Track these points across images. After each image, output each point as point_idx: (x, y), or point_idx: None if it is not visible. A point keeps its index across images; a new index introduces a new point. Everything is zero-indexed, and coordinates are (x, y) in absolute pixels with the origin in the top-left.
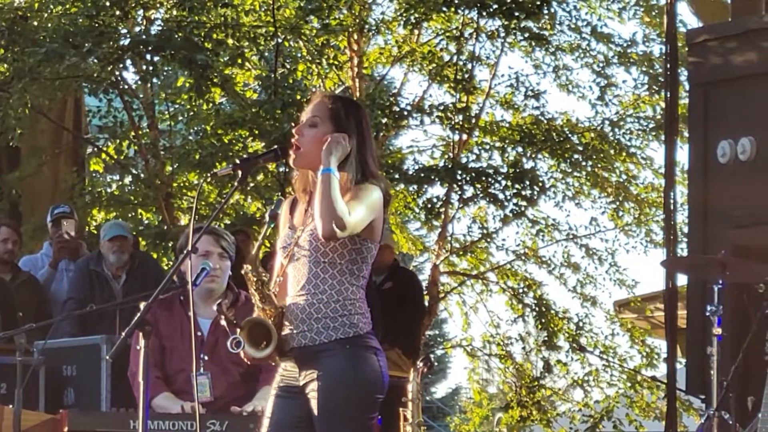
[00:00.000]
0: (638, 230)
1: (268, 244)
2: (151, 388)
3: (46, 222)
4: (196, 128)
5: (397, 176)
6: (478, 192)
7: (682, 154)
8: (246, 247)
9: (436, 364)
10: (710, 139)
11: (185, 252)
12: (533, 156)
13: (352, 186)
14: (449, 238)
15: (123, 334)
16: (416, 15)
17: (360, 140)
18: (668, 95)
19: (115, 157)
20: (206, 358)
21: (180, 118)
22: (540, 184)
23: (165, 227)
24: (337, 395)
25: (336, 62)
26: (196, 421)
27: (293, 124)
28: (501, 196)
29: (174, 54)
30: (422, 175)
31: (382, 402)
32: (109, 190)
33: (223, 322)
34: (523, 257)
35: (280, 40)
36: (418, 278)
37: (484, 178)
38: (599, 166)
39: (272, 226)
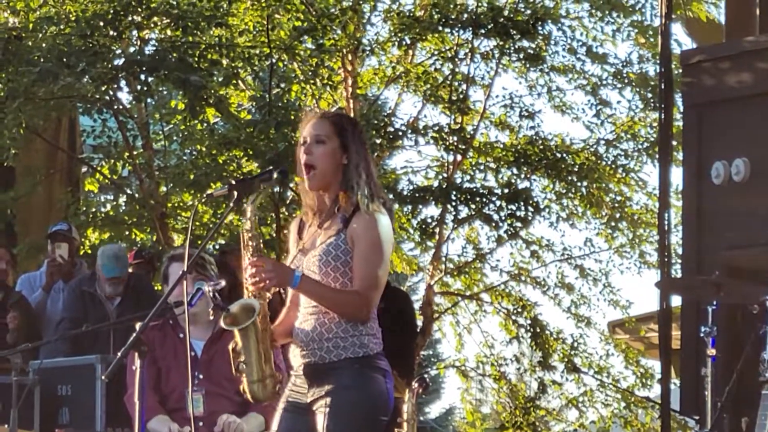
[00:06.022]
0: (632, 251)
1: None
2: (147, 411)
3: (40, 242)
4: (190, 148)
5: (391, 196)
6: (473, 212)
7: (676, 175)
8: (237, 263)
9: (430, 384)
10: (704, 160)
11: (181, 273)
12: (528, 176)
13: (363, 210)
14: (443, 259)
15: (119, 354)
16: (410, 36)
17: (365, 154)
18: (662, 116)
19: (110, 176)
20: (201, 376)
21: (174, 138)
22: (534, 205)
23: (160, 247)
24: (342, 414)
25: (330, 82)
26: None
27: (287, 144)
28: (495, 216)
29: (168, 74)
30: (417, 195)
31: None
32: (103, 210)
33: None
34: (517, 278)
35: (274, 61)
36: (411, 298)
37: (478, 199)
38: (594, 186)
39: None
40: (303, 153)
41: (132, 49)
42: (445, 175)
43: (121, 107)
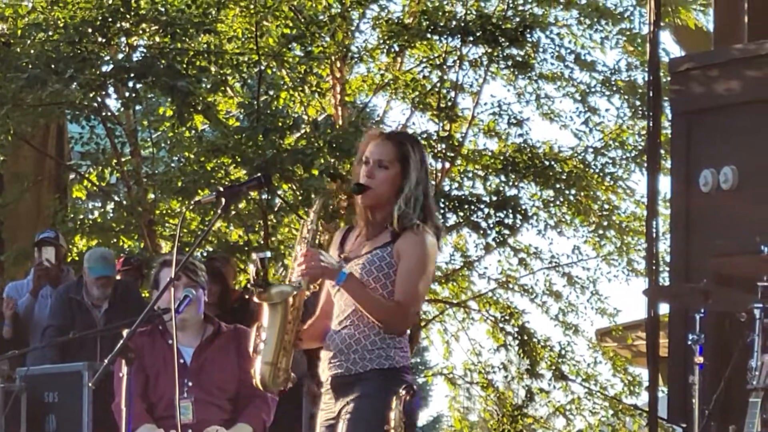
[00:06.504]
0: (620, 259)
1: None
2: (134, 419)
3: (28, 248)
4: (178, 155)
5: None
6: (461, 220)
7: (665, 183)
8: (225, 270)
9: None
10: (692, 168)
11: (168, 280)
12: (516, 184)
13: (413, 231)
14: None
15: (106, 361)
16: (399, 43)
17: (424, 177)
18: (650, 124)
19: (98, 183)
20: (190, 383)
21: (162, 145)
22: (522, 213)
23: (147, 255)
24: (361, 422)
25: (319, 89)
26: None
27: (276, 151)
28: (483, 224)
29: (156, 81)
30: None
31: None
32: (91, 217)
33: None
34: (504, 286)
35: (262, 68)
36: None
37: (466, 206)
38: (582, 194)
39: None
40: (364, 174)
41: (120, 56)
42: (433, 182)
43: (109, 114)
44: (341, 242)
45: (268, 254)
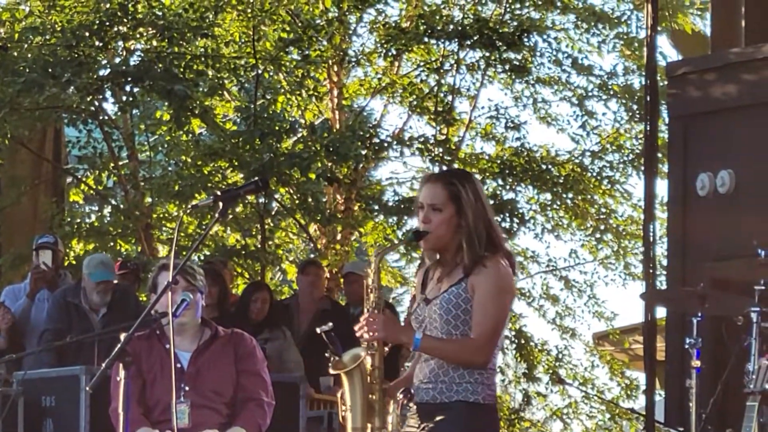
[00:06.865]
0: (617, 263)
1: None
2: (131, 423)
3: (25, 252)
4: (175, 159)
5: (376, 208)
6: None
7: (662, 187)
8: (223, 273)
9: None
10: (689, 172)
11: (166, 284)
12: (513, 187)
13: (483, 264)
14: None
15: (103, 365)
16: (396, 47)
17: (482, 210)
18: (648, 127)
19: (95, 187)
20: (187, 388)
21: (159, 148)
22: (519, 216)
23: (144, 258)
24: None
25: (316, 93)
26: None
27: (272, 155)
28: None
29: (153, 84)
30: (402, 206)
31: None
32: (88, 220)
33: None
34: None
35: (260, 71)
36: (396, 309)
37: None
38: (579, 198)
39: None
40: (421, 220)
41: (117, 60)
42: None
43: (106, 118)
44: (423, 282)
45: (331, 324)
